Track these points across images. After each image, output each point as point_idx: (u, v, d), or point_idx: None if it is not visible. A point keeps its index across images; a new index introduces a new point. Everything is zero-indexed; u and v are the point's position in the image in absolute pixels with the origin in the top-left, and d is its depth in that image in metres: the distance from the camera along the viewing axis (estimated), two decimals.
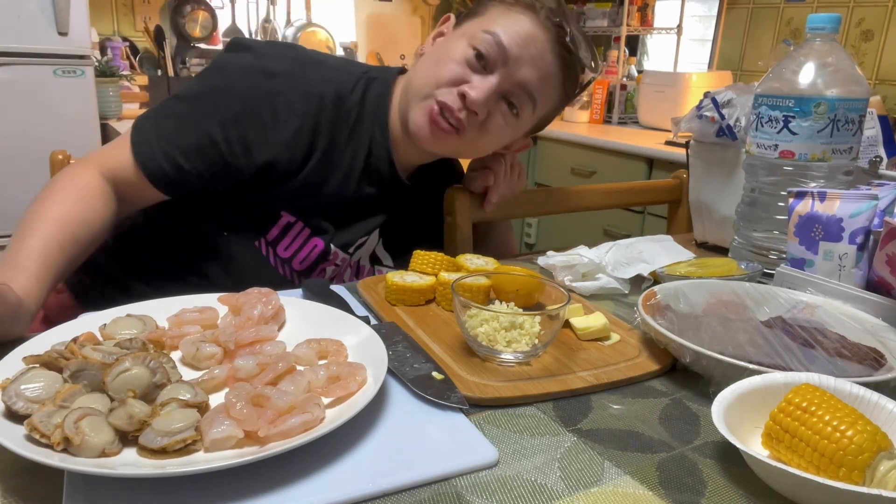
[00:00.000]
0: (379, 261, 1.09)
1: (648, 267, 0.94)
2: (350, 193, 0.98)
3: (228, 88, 0.90)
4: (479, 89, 0.91)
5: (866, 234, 0.80)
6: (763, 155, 0.94)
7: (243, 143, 0.89)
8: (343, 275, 1.05)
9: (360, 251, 1.05)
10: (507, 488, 0.51)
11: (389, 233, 1.08)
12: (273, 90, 0.90)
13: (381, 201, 1.03)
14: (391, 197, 1.03)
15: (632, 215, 2.47)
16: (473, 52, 0.92)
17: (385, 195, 1.02)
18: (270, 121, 0.90)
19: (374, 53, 3.08)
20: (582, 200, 1.34)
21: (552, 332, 0.69)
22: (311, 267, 0.99)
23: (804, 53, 0.91)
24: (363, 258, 1.07)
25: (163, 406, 0.53)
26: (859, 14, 2.49)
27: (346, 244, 1.02)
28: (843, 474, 0.48)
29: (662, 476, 0.53)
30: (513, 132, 1.00)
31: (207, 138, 0.88)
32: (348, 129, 0.96)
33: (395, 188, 1.03)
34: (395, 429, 0.57)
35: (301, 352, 0.65)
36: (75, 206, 0.84)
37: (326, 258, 1.00)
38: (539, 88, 0.94)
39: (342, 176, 0.97)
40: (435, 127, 0.92)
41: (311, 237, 0.98)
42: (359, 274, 1.07)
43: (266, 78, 0.90)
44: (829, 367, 0.64)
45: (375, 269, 1.09)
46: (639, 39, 3.33)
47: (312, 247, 0.98)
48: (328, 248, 0.99)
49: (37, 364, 0.57)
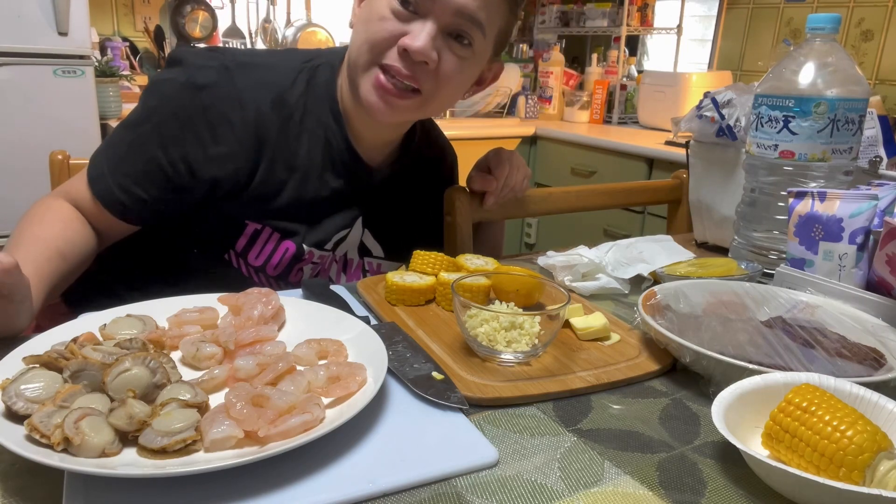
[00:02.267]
0: (369, 252, 1.06)
1: (648, 267, 0.94)
2: (313, 192, 0.95)
3: (163, 108, 0.88)
4: (418, 37, 0.83)
5: (866, 234, 0.80)
6: (763, 155, 0.94)
7: (185, 162, 0.87)
8: (328, 271, 1.02)
9: (343, 245, 1.02)
10: (507, 488, 0.51)
11: (375, 222, 1.04)
12: (204, 104, 0.87)
13: (354, 192, 0.99)
14: (364, 186, 1.00)
15: (632, 215, 2.47)
16: (397, 1, 0.84)
17: (356, 185, 0.98)
18: (208, 136, 0.87)
19: None
20: (582, 200, 1.34)
21: (552, 332, 0.69)
22: (285, 271, 0.97)
23: (804, 53, 0.91)
24: (350, 251, 1.03)
25: (163, 406, 0.53)
26: (859, 14, 2.49)
27: (321, 242, 0.98)
28: (843, 474, 0.48)
29: (662, 476, 0.53)
30: (473, 66, 0.91)
31: (153, 163, 0.87)
32: (297, 126, 0.92)
33: (367, 176, 0.99)
34: (395, 429, 0.57)
35: (301, 352, 0.65)
36: (54, 226, 0.85)
37: (301, 259, 0.97)
38: (480, 8, 0.85)
39: (300, 176, 0.93)
40: (387, 95, 0.86)
41: (282, 241, 0.95)
42: (346, 268, 1.04)
43: (196, 92, 0.87)
44: (829, 367, 0.64)
45: (365, 262, 1.06)
46: (639, 39, 3.33)
47: (284, 251, 0.95)
48: (301, 250, 0.96)
49: (37, 364, 0.57)
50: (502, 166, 1.07)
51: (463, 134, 2.67)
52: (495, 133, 2.76)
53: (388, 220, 1.05)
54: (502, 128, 2.82)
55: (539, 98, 3.15)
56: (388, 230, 1.06)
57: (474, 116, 2.97)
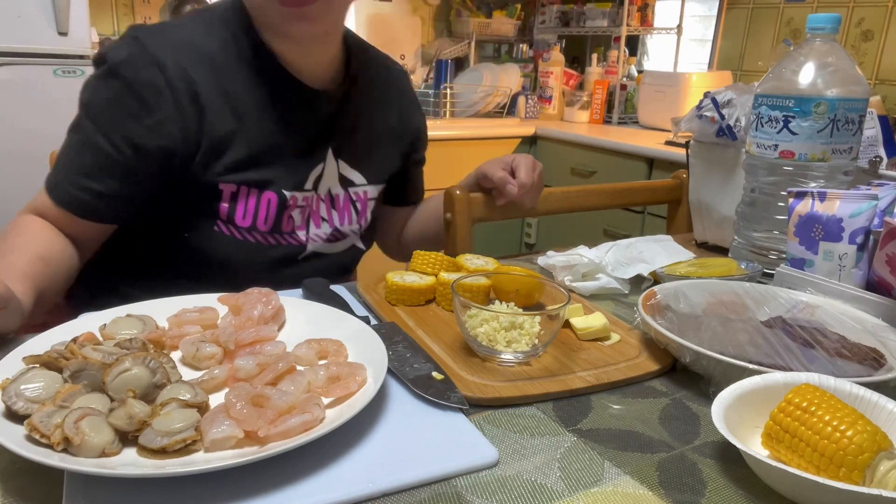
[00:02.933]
0: (351, 182, 1.06)
1: (648, 267, 0.94)
2: (268, 133, 0.94)
3: (95, 100, 0.89)
4: None
5: (866, 234, 0.80)
6: (763, 155, 0.94)
7: (128, 142, 0.86)
8: (318, 212, 1.02)
9: (323, 182, 1.01)
10: (507, 488, 0.51)
11: (346, 150, 1.04)
12: (126, 79, 0.86)
13: (311, 123, 0.98)
14: (319, 114, 0.99)
15: (632, 215, 2.47)
16: None
17: (310, 114, 0.98)
18: (140, 109, 0.86)
19: None
20: (582, 200, 1.34)
21: (552, 332, 0.69)
22: (276, 223, 0.96)
23: (804, 53, 0.91)
24: (333, 187, 1.03)
25: (163, 406, 0.53)
26: (859, 14, 2.49)
27: (299, 183, 0.98)
28: (843, 474, 0.48)
29: (662, 476, 0.53)
30: None
31: (100, 153, 0.87)
32: (227, 73, 0.91)
33: (316, 101, 0.98)
34: (395, 429, 0.57)
35: (301, 352, 0.65)
36: (28, 235, 0.86)
37: (286, 206, 0.97)
38: None
39: (250, 120, 0.92)
40: (293, 9, 0.85)
41: (262, 193, 0.94)
42: (335, 204, 1.04)
43: (116, 72, 0.87)
44: (829, 367, 0.64)
45: (351, 192, 1.05)
46: (639, 39, 3.33)
47: (267, 202, 0.95)
48: (283, 197, 0.96)
49: (37, 364, 0.57)
50: (529, 174, 1.06)
51: (463, 134, 2.67)
52: (495, 133, 2.76)
53: (358, 144, 1.05)
54: (502, 128, 2.82)
55: (539, 98, 3.15)
56: (360, 155, 1.06)
57: (474, 116, 2.97)
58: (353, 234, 1.08)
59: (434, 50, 3.18)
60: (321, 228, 1.03)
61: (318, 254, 1.03)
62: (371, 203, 1.10)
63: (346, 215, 1.06)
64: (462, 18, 3.26)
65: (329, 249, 1.05)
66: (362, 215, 1.08)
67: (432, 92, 2.89)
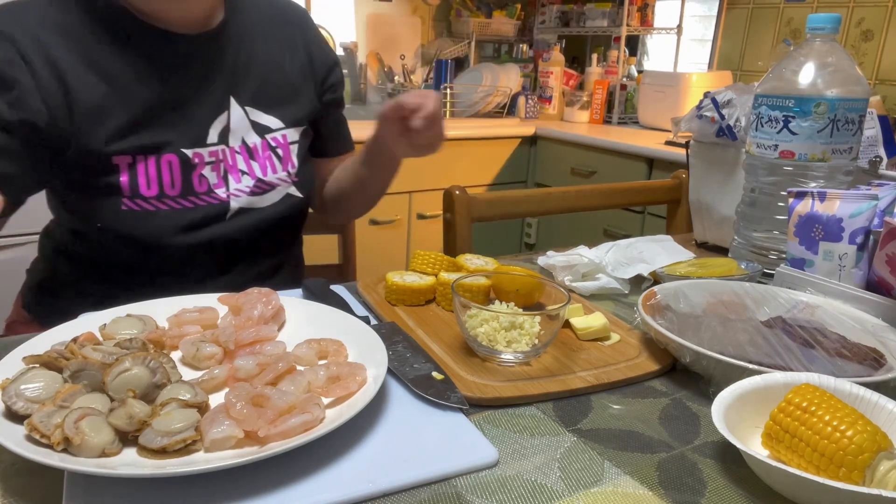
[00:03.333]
0: (266, 128, 0.99)
1: (648, 267, 0.94)
2: (148, 91, 0.88)
3: None
4: None
5: (866, 234, 0.80)
6: (763, 155, 0.94)
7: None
8: (235, 166, 0.95)
9: (232, 134, 0.95)
10: (507, 488, 0.51)
11: (251, 94, 0.97)
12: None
13: (195, 72, 0.92)
14: (200, 61, 0.92)
15: (632, 215, 2.47)
16: None
17: (190, 64, 0.91)
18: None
19: (374, 53, 3.08)
20: (582, 200, 1.34)
21: (552, 332, 0.69)
22: (185, 186, 0.91)
23: (804, 53, 0.92)
24: (247, 136, 0.97)
25: (163, 406, 0.53)
26: (859, 14, 2.49)
27: (199, 138, 0.92)
28: (843, 474, 0.48)
29: (662, 476, 0.53)
30: None
31: None
32: (86, 34, 0.86)
33: (192, 49, 0.91)
34: (395, 429, 0.57)
35: (301, 352, 0.65)
36: None
37: (191, 166, 0.91)
38: None
39: (127, 81, 0.87)
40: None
41: (160, 157, 0.88)
42: (253, 155, 0.97)
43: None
44: (829, 367, 0.64)
45: (269, 139, 0.99)
46: (639, 39, 3.33)
47: (168, 165, 0.89)
48: (184, 156, 0.90)
49: (37, 364, 0.57)
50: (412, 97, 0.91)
51: (463, 134, 2.67)
52: (495, 133, 2.76)
53: (264, 87, 0.99)
54: (502, 128, 2.82)
55: (539, 98, 3.15)
56: (270, 98, 0.99)
57: (474, 116, 2.97)
58: (283, 182, 1.01)
59: (434, 50, 3.18)
60: (242, 182, 0.96)
61: (246, 209, 0.96)
62: (295, 147, 1.02)
63: (269, 164, 0.99)
64: (462, 18, 3.26)
65: (258, 203, 0.98)
66: (287, 161, 1.01)
67: None
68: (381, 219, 2.54)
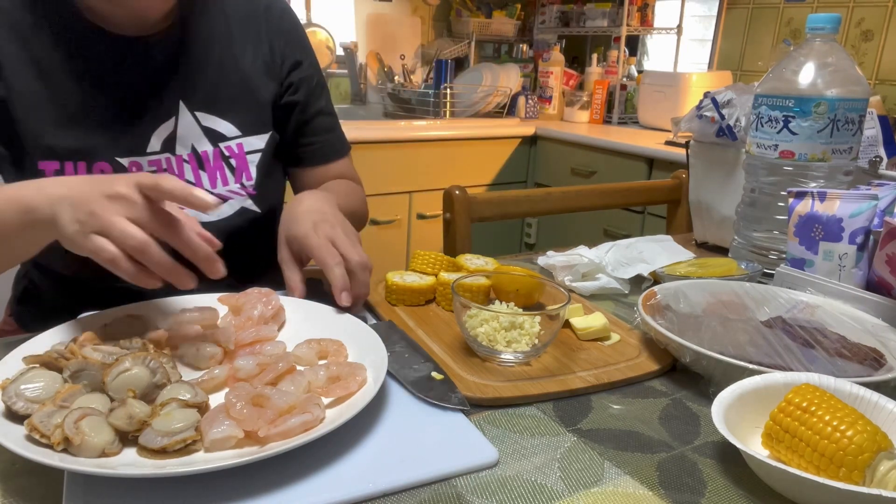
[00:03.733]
0: (220, 136, 0.91)
1: (648, 267, 0.94)
2: (83, 92, 0.83)
3: None
4: None
5: (866, 234, 0.80)
6: (763, 155, 0.94)
7: None
8: (181, 176, 0.88)
9: (180, 141, 0.89)
10: (507, 488, 0.51)
11: (201, 99, 0.90)
12: None
13: (138, 76, 0.86)
14: (145, 64, 0.86)
15: (632, 215, 2.47)
16: None
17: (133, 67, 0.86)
18: None
19: (374, 53, 3.08)
20: (582, 200, 1.34)
21: (552, 332, 0.69)
22: None
23: (804, 53, 0.91)
24: (198, 144, 0.90)
25: (163, 406, 0.53)
26: (859, 14, 2.49)
27: (138, 146, 0.86)
28: (843, 474, 0.48)
29: (662, 476, 0.53)
30: None
31: None
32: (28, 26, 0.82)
33: (137, 51, 0.86)
34: (395, 429, 0.57)
35: (301, 352, 0.65)
36: None
37: None
38: None
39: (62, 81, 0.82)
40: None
41: (91, 164, 0.83)
42: (203, 165, 0.90)
43: None
44: (829, 367, 0.64)
45: (223, 148, 0.92)
46: (639, 39, 3.33)
47: (100, 174, 0.83)
48: (118, 165, 0.84)
49: (37, 364, 0.57)
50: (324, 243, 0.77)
51: (463, 134, 2.67)
52: (495, 133, 2.76)
53: (217, 90, 0.91)
54: (502, 128, 2.82)
55: (539, 98, 3.15)
56: (224, 102, 0.92)
57: (474, 116, 2.97)
58: (236, 194, 0.93)
59: (434, 50, 3.18)
60: None
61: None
62: (255, 157, 0.94)
63: (220, 174, 0.91)
64: (462, 18, 3.26)
65: (205, 216, 0.86)
66: (241, 172, 0.93)
67: (432, 92, 2.89)
68: (381, 219, 2.54)
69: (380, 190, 2.45)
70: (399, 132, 2.53)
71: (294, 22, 1.02)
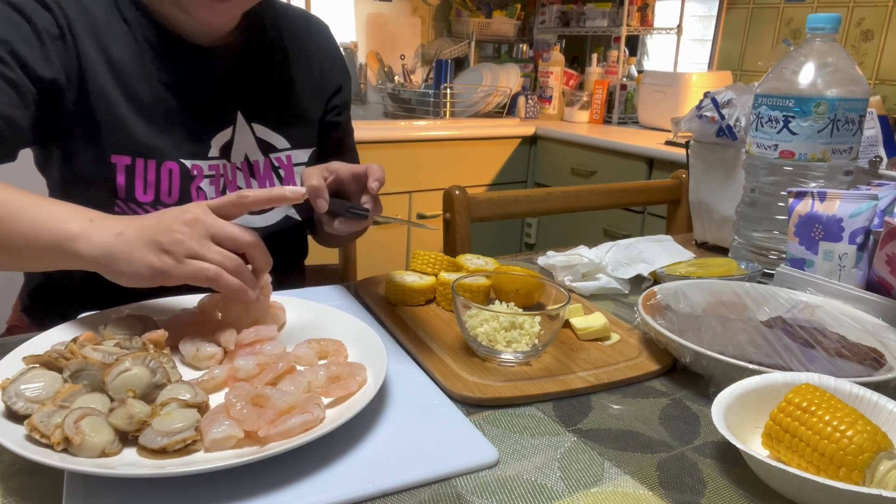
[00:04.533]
0: (272, 147, 0.98)
1: (648, 267, 0.94)
2: (151, 94, 0.87)
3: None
4: None
5: (866, 234, 0.80)
6: (763, 155, 0.94)
7: (17, 58, 0.79)
8: (234, 182, 0.94)
9: (236, 149, 0.94)
10: (507, 488, 0.51)
11: (259, 112, 0.96)
12: (23, 11, 0.80)
13: (206, 84, 0.91)
14: (212, 73, 0.92)
15: (632, 215, 2.47)
16: None
17: (202, 75, 0.91)
18: (32, 35, 0.80)
19: (374, 53, 3.08)
20: (582, 200, 1.34)
21: (552, 332, 0.69)
22: (183, 195, 0.89)
23: (804, 53, 0.91)
24: (250, 153, 0.96)
25: (163, 406, 0.53)
26: (859, 14, 2.49)
27: (201, 151, 0.91)
28: (843, 474, 0.48)
29: (662, 476, 0.53)
30: None
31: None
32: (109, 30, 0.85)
33: (207, 60, 0.91)
34: (395, 429, 0.57)
35: (301, 352, 0.65)
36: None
37: (190, 177, 0.89)
38: None
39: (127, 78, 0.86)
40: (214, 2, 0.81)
41: (160, 164, 0.88)
42: (254, 173, 0.96)
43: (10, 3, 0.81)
44: (829, 367, 0.64)
45: (273, 159, 0.98)
46: (639, 39, 3.33)
47: (168, 173, 0.88)
48: (185, 167, 0.89)
49: (37, 364, 0.57)
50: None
51: (463, 134, 2.67)
52: (495, 133, 2.76)
53: (274, 105, 0.98)
54: (502, 128, 2.82)
55: (539, 98, 3.15)
56: (279, 117, 0.98)
57: (474, 116, 2.97)
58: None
59: (434, 50, 3.18)
60: None
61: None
62: (298, 169, 1.01)
63: (269, 183, 0.98)
64: (462, 18, 3.26)
65: (254, 222, 0.97)
66: (288, 182, 1.00)
67: (432, 92, 2.89)
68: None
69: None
70: (399, 132, 2.53)
71: (337, 48, 1.11)
